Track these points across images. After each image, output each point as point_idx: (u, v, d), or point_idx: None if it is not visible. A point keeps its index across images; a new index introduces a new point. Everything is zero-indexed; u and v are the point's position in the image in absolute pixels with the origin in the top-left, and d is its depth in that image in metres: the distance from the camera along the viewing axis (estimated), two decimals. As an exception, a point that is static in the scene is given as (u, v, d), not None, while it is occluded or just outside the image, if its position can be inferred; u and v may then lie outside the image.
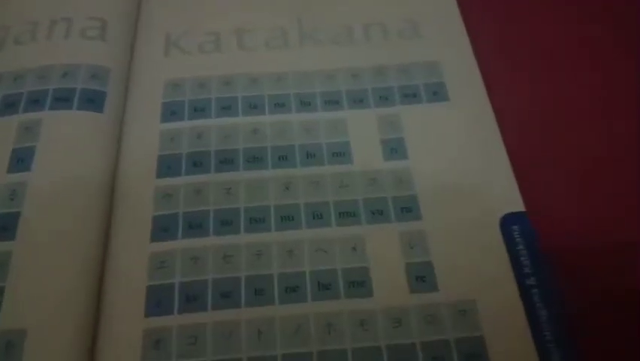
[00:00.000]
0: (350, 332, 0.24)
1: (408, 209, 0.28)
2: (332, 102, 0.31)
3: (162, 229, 0.27)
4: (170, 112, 0.31)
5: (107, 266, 0.26)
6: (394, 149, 0.30)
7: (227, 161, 0.29)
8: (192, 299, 0.25)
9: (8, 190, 0.26)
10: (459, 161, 0.29)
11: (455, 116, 0.31)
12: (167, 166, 0.29)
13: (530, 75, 0.32)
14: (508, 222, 0.27)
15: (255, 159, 0.29)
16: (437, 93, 0.32)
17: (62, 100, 0.29)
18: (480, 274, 0.26)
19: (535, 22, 0.35)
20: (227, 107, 0.31)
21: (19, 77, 0.30)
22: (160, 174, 0.29)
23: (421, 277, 0.26)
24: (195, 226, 0.27)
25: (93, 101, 0.29)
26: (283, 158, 0.29)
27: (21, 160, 0.27)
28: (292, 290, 0.25)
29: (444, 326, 0.24)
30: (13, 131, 0.28)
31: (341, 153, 0.29)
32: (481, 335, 0.24)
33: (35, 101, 0.28)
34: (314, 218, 0.27)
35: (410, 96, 0.32)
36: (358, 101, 0.31)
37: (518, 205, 0.27)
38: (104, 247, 0.26)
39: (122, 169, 0.29)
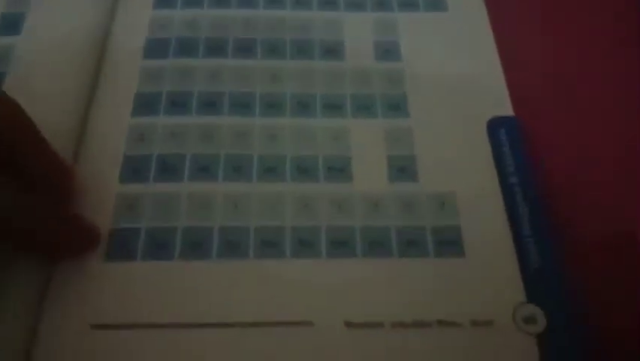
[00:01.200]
0: (326, 211, 0.24)
1: (396, 106, 0.27)
2: (329, 3, 0.31)
3: (144, 105, 0.26)
4: (163, 0, 0.30)
5: (87, 132, 0.25)
6: (388, 50, 0.29)
7: (216, 48, 0.29)
8: (169, 170, 0.24)
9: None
10: (452, 66, 0.29)
11: (452, 24, 0.30)
12: (155, 48, 0.28)
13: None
14: (495, 124, 0.26)
15: (245, 49, 0.29)
16: (436, 3, 0.31)
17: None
18: (463, 171, 0.25)
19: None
20: (220, 0, 0.30)
21: None
22: (147, 56, 0.28)
23: (402, 168, 0.25)
24: (179, 104, 0.26)
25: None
26: (273, 50, 0.29)
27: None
28: (271, 170, 0.25)
29: (421, 214, 0.24)
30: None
31: (333, 50, 0.29)
32: (457, 225, 0.24)
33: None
34: (299, 107, 0.27)
35: (408, 4, 0.31)
36: (355, 4, 0.31)
37: (508, 110, 0.27)
38: (86, 114, 0.26)
39: (111, 46, 0.28)
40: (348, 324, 0.21)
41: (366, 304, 0.22)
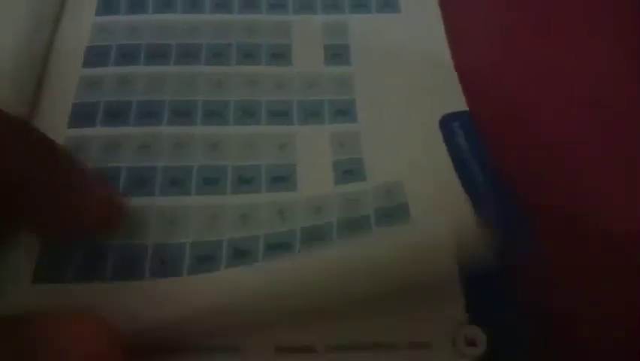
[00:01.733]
0: (266, 220, 0.23)
1: (344, 112, 0.26)
2: (278, 6, 0.30)
3: (81, 116, 0.25)
4: (106, 6, 0.29)
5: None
6: (338, 55, 0.28)
7: (158, 55, 0.27)
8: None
9: None
10: (404, 68, 0.28)
11: (405, 27, 0.29)
12: (95, 57, 0.27)
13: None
14: (448, 120, 0.25)
15: (189, 55, 0.28)
16: (389, 4, 0.30)
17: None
18: (414, 169, 0.24)
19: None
20: (165, 5, 0.29)
21: None
22: (87, 64, 0.27)
23: (349, 171, 0.24)
24: (116, 114, 0.25)
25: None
26: (218, 55, 0.28)
27: None
28: (212, 182, 0.24)
29: (365, 204, 0.23)
30: None
31: (280, 55, 0.28)
32: (405, 202, 0.23)
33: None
34: (244, 115, 0.26)
35: (360, 6, 0.30)
36: (305, 6, 0.30)
37: (461, 107, 0.26)
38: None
39: (53, 56, 0.27)
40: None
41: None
